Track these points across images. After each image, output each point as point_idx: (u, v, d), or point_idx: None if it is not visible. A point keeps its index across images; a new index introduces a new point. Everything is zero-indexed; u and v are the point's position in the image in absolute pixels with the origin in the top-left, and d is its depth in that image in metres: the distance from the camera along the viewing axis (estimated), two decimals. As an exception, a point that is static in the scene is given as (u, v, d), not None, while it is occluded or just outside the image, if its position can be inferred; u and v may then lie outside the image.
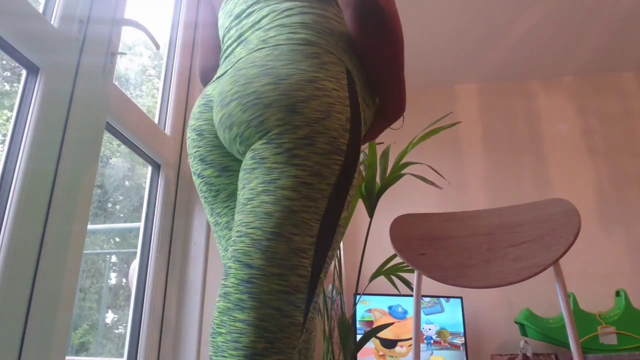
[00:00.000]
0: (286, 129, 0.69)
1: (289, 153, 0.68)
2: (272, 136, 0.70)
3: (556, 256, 1.08)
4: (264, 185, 0.69)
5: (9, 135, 0.92)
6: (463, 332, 2.50)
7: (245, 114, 0.72)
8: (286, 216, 0.66)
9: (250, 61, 0.77)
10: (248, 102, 0.72)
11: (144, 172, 1.56)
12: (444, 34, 2.85)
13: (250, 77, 0.74)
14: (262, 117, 0.71)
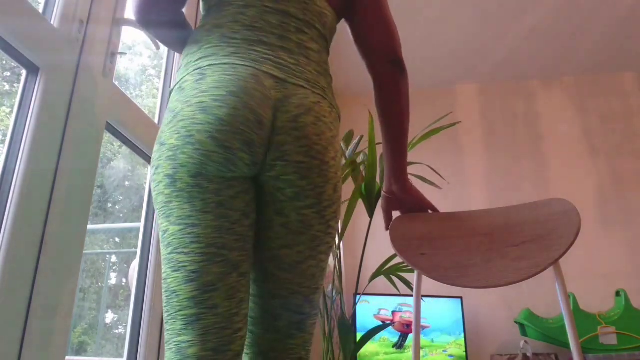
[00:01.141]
0: (330, 204, 0.82)
1: (328, 225, 0.83)
2: (320, 208, 0.81)
3: (556, 256, 1.08)
4: (309, 252, 0.82)
5: (9, 135, 0.92)
6: (463, 332, 2.50)
7: (318, 179, 0.80)
8: (322, 274, 0.86)
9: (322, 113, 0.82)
10: (323, 171, 0.80)
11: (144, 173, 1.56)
12: (444, 34, 2.85)
13: (327, 142, 0.82)
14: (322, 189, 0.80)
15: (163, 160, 0.75)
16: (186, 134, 0.73)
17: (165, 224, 0.75)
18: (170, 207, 0.74)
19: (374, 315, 2.52)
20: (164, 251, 0.75)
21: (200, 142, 0.72)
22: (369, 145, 1.88)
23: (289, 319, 0.82)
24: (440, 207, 1.29)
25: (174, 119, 0.76)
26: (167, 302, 0.73)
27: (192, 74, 0.80)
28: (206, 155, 0.72)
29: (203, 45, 0.83)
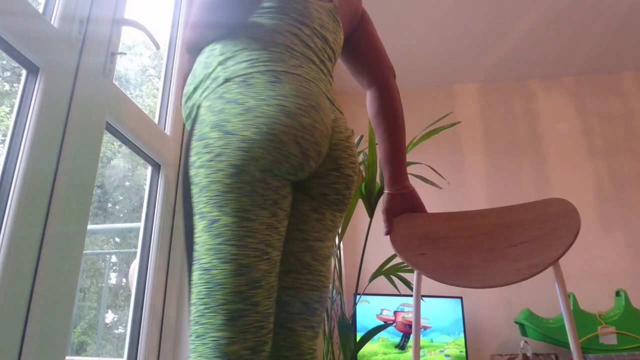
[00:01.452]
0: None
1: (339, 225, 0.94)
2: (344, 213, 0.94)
3: (556, 256, 1.08)
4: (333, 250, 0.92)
5: (9, 135, 0.92)
6: (463, 332, 2.50)
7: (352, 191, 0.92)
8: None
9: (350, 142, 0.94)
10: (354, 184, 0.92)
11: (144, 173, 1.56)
12: (444, 34, 2.85)
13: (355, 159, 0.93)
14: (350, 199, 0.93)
15: (231, 150, 0.74)
16: (268, 130, 0.75)
17: (216, 213, 0.73)
18: (227, 197, 0.73)
19: (376, 315, 2.53)
20: (211, 241, 0.72)
21: (283, 142, 0.76)
22: (369, 146, 1.88)
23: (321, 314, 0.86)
24: (440, 207, 1.29)
25: (247, 113, 0.76)
26: (208, 294, 0.70)
27: (263, 73, 0.81)
28: (285, 156, 0.76)
29: (268, 47, 0.85)
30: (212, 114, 0.78)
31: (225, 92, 0.79)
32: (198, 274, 0.72)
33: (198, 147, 0.77)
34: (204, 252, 0.72)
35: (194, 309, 0.71)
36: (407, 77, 3.25)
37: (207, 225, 0.73)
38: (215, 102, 0.79)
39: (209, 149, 0.76)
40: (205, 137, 0.77)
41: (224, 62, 0.83)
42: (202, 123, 0.78)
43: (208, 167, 0.75)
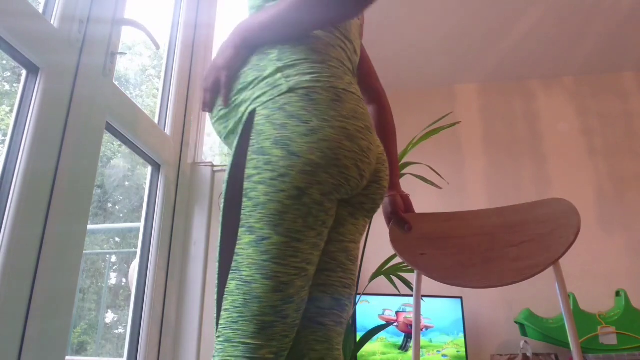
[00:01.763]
0: None
1: None
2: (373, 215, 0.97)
3: (556, 256, 1.08)
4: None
5: (9, 135, 0.92)
6: (463, 332, 2.50)
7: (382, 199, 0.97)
8: None
9: None
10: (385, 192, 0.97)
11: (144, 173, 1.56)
12: (444, 34, 2.85)
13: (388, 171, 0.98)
14: None
15: (295, 172, 0.76)
16: (333, 156, 0.78)
17: (268, 231, 0.75)
18: (283, 217, 0.75)
19: (378, 315, 2.53)
20: (257, 256, 0.75)
21: (345, 167, 0.79)
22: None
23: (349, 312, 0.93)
24: (440, 207, 1.29)
25: (312, 134, 0.77)
26: (245, 305, 0.73)
27: (326, 89, 0.81)
28: (347, 179, 0.80)
29: (327, 61, 0.85)
30: (273, 127, 0.77)
31: (287, 103, 0.79)
32: (237, 283, 0.75)
33: (258, 161, 0.77)
34: (247, 265, 0.75)
35: (226, 314, 0.74)
36: (407, 77, 3.25)
37: (256, 240, 0.75)
38: (275, 113, 0.78)
39: (272, 167, 0.76)
40: (266, 153, 0.77)
41: (284, 69, 0.82)
42: (261, 134, 0.78)
43: (269, 185, 0.76)
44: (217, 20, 1.93)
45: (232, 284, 0.75)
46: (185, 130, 1.63)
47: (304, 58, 0.84)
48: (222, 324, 0.74)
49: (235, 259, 0.76)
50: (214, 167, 1.62)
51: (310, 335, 0.85)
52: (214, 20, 1.91)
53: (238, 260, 0.75)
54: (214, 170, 1.61)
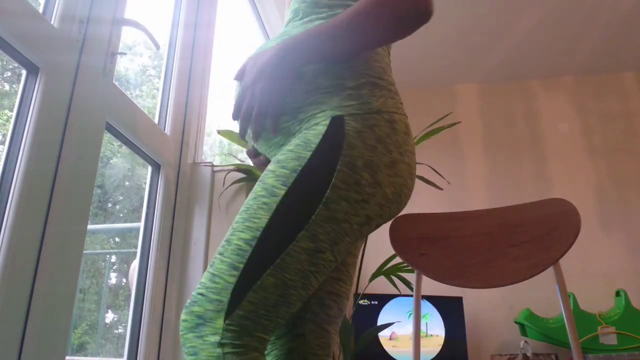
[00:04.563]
0: None
1: None
2: None
3: (556, 256, 1.08)
4: None
5: (9, 135, 0.92)
6: (463, 332, 2.50)
7: None
8: None
9: None
10: None
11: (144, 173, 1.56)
12: (444, 34, 2.84)
13: None
14: None
15: (374, 202, 0.77)
16: (399, 193, 0.81)
17: (327, 246, 0.75)
18: (344, 239, 0.76)
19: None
20: (308, 266, 0.74)
21: (400, 203, 0.83)
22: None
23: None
24: (440, 207, 1.29)
25: (392, 167, 0.79)
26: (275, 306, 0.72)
27: (402, 120, 0.83)
28: (395, 214, 0.84)
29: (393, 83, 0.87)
30: (364, 146, 0.77)
31: (376, 125, 0.79)
32: (275, 282, 0.72)
33: (348, 176, 0.75)
34: (295, 270, 0.73)
35: (250, 306, 0.71)
36: (407, 77, 3.25)
37: (313, 250, 0.74)
38: (366, 131, 0.78)
39: (359, 189, 0.76)
40: (357, 172, 0.76)
41: (371, 85, 0.81)
42: (354, 149, 0.76)
43: (351, 206, 0.75)
44: (217, 20, 1.93)
45: (270, 281, 0.71)
46: (185, 130, 1.63)
47: (379, 77, 0.83)
48: (243, 315, 0.70)
49: (284, 258, 0.72)
50: (214, 167, 1.62)
51: (315, 339, 0.86)
52: (214, 20, 1.91)
53: (286, 260, 0.72)
54: (214, 170, 1.61)
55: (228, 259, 0.73)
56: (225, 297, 0.71)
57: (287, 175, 0.76)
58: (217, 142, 2.38)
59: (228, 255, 0.74)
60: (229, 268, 0.72)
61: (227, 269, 0.72)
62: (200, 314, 0.71)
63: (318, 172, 0.76)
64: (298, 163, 0.76)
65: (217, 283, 0.72)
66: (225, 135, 1.73)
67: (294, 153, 0.78)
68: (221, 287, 0.72)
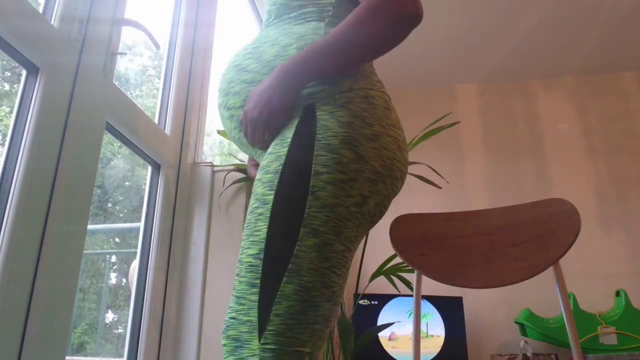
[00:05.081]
0: None
1: None
2: None
3: (556, 256, 1.08)
4: None
5: (9, 135, 0.92)
6: (463, 332, 2.50)
7: None
8: None
9: None
10: None
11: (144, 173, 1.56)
12: (444, 34, 2.85)
13: None
14: None
15: (363, 179, 0.75)
16: (390, 166, 0.78)
17: (332, 237, 0.73)
18: (347, 224, 0.74)
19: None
20: (319, 262, 0.72)
21: (396, 179, 0.80)
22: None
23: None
24: (440, 207, 1.29)
25: (376, 140, 0.77)
26: (303, 312, 0.70)
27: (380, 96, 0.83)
28: (394, 191, 0.81)
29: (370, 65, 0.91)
30: (338, 124, 0.76)
31: (349, 102, 0.78)
32: (295, 288, 0.70)
33: (327, 159, 0.73)
34: (308, 270, 0.71)
35: (278, 320, 0.69)
36: (407, 77, 3.25)
37: (319, 245, 0.72)
38: (339, 110, 0.77)
39: (342, 168, 0.74)
40: (335, 151, 0.74)
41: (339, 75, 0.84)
42: (328, 130, 0.75)
43: (339, 187, 0.73)
44: (217, 20, 1.93)
45: (289, 288, 0.70)
46: (185, 130, 1.63)
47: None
48: (275, 330, 0.69)
49: (294, 261, 0.70)
50: (214, 167, 1.62)
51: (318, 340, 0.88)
52: (214, 20, 1.91)
53: (297, 263, 0.70)
54: (214, 170, 1.61)
55: (244, 278, 0.72)
56: (254, 317, 0.70)
57: (271, 179, 0.75)
58: (217, 142, 2.38)
59: (243, 274, 0.73)
60: (248, 287, 0.71)
61: (247, 288, 0.71)
62: (237, 337, 0.70)
63: (298, 164, 0.74)
64: (278, 163, 0.75)
65: (243, 304, 0.71)
66: (225, 135, 1.73)
67: (273, 155, 0.77)
68: (248, 307, 0.71)
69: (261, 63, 0.88)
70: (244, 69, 0.90)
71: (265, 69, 0.86)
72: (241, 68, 0.91)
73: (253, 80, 0.87)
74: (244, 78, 0.89)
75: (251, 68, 0.89)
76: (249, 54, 0.92)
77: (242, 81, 0.89)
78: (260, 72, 0.87)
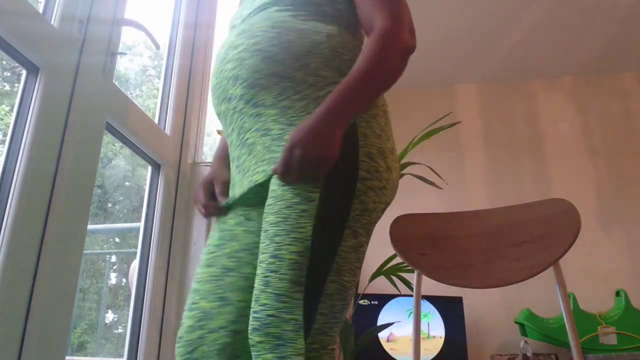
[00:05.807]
0: None
1: None
2: None
3: (556, 256, 1.08)
4: None
5: (9, 135, 0.92)
6: (463, 332, 2.50)
7: None
8: None
9: None
10: None
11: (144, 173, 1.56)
12: (444, 34, 2.84)
13: None
14: None
15: (389, 188, 0.81)
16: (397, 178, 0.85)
17: (364, 239, 0.77)
18: (371, 228, 0.79)
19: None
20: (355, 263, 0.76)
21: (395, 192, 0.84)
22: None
23: None
24: (440, 207, 1.29)
25: (393, 153, 0.84)
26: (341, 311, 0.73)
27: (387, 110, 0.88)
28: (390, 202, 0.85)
29: None
30: (374, 134, 0.80)
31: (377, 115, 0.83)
32: (337, 287, 0.73)
33: (369, 166, 0.77)
34: (347, 270, 0.74)
35: (323, 318, 0.71)
36: (407, 77, 3.24)
37: (356, 246, 0.76)
38: (371, 120, 0.81)
39: (379, 175, 0.78)
40: (374, 160, 0.78)
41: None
42: (367, 138, 0.78)
43: (377, 194, 0.78)
44: (217, 20, 1.93)
45: (333, 287, 0.72)
46: (185, 130, 1.63)
47: None
48: (319, 329, 0.70)
49: (337, 260, 0.72)
50: (214, 167, 1.62)
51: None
52: (214, 20, 1.91)
53: (340, 263, 0.73)
54: (214, 170, 1.61)
55: (286, 275, 0.71)
56: (299, 315, 0.70)
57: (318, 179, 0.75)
58: (217, 142, 2.38)
59: (284, 271, 0.72)
60: (291, 285, 0.71)
61: (290, 286, 0.71)
62: (279, 334, 0.69)
63: (343, 167, 0.75)
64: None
65: (286, 302, 0.71)
66: (225, 135, 1.72)
67: None
68: (291, 305, 0.70)
69: (291, 56, 0.82)
70: (271, 58, 0.82)
71: (297, 64, 0.81)
72: (267, 56, 0.82)
73: (286, 76, 0.81)
74: (275, 70, 0.81)
75: (280, 59, 0.82)
76: (273, 40, 0.83)
77: (273, 74, 0.81)
78: (292, 66, 0.81)
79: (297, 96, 0.80)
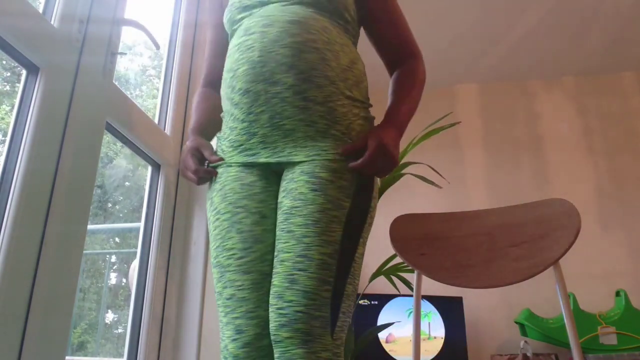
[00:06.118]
0: None
1: None
2: None
3: (556, 256, 1.08)
4: None
5: (9, 135, 0.92)
6: (463, 332, 2.50)
7: None
8: None
9: None
10: None
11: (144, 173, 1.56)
12: (445, 34, 2.84)
13: None
14: None
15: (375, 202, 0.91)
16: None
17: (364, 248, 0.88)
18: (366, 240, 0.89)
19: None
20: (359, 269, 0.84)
21: None
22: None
23: None
24: (440, 206, 1.29)
25: None
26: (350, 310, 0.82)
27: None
28: None
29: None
30: None
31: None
32: (353, 289, 0.82)
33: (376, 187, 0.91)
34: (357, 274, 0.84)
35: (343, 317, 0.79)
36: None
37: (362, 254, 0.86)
38: None
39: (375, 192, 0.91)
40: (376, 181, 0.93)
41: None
42: None
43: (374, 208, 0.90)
44: (217, 20, 1.93)
45: (350, 289, 0.80)
46: (185, 130, 1.63)
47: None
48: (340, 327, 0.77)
49: (353, 265, 0.81)
50: (214, 167, 1.62)
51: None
52: (214, 20, 1.90)
53: (355, 267, 0.81)
54: (214, 170, 1.61)
55: (315, 274, 0.76)
56: (326, 313, 0.74)
57: (348, 187, 0.83)
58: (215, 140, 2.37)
59: (313, 270, 0.76)
60: (320, 284, 0.75)
61: (319, 285, 0.75)
62: (308, 330, 0.73)
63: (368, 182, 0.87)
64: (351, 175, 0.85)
65: (314, 300, 0.74)
66: (225, 135, 1.72)
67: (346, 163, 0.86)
68: (320, 303, 0.74)
69: (339, 65, 0.91)
70: (327, 63, 0.89)
71: (341, 75, 0.90)
72: (324, 58, 0.89)
73: (333, 82, 0.89)
74: (328, 74, 0.89)
75: (333, 66, 0.90)
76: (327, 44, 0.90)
77: (326, 77, 0.88)
78: (338, 76, 0.90)
79: (340, 102, 0.89)
